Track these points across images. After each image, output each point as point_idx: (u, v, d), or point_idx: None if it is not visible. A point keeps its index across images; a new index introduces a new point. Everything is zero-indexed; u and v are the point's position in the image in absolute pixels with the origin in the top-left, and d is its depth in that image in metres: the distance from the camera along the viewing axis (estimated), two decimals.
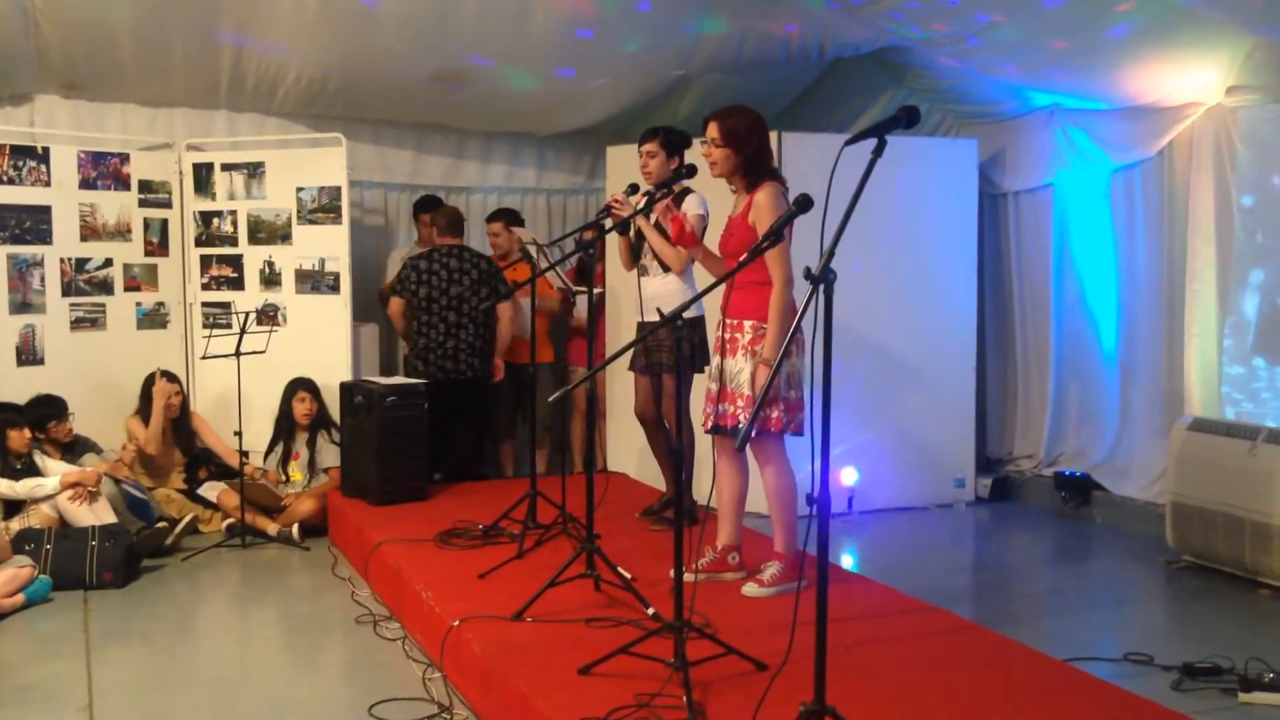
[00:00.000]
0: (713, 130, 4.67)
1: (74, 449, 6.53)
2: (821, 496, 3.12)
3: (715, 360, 4.77)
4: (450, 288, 7.06)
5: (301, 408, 7.01)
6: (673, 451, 5.50)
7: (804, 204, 3.48)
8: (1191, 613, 5.61)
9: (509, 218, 7.67)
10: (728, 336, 4.69)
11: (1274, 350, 6.19)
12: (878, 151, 3.12)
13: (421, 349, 7.09)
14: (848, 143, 3.24)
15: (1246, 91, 6.09)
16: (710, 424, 4.74)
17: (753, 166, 4.68)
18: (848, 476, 7.16)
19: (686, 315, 5.34)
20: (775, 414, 4.57)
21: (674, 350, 5.33)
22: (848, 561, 6.34)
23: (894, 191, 6.92)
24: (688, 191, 5.54)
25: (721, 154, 4.66)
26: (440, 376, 6.99)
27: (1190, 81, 6.28)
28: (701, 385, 5.01)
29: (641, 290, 5.60)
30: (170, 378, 7.00)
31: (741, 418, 4.57)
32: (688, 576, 4.38)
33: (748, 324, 4.62)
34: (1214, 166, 6.40)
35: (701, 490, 5.92)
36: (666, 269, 5.59)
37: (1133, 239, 7.11)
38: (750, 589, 4.72)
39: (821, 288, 3.01)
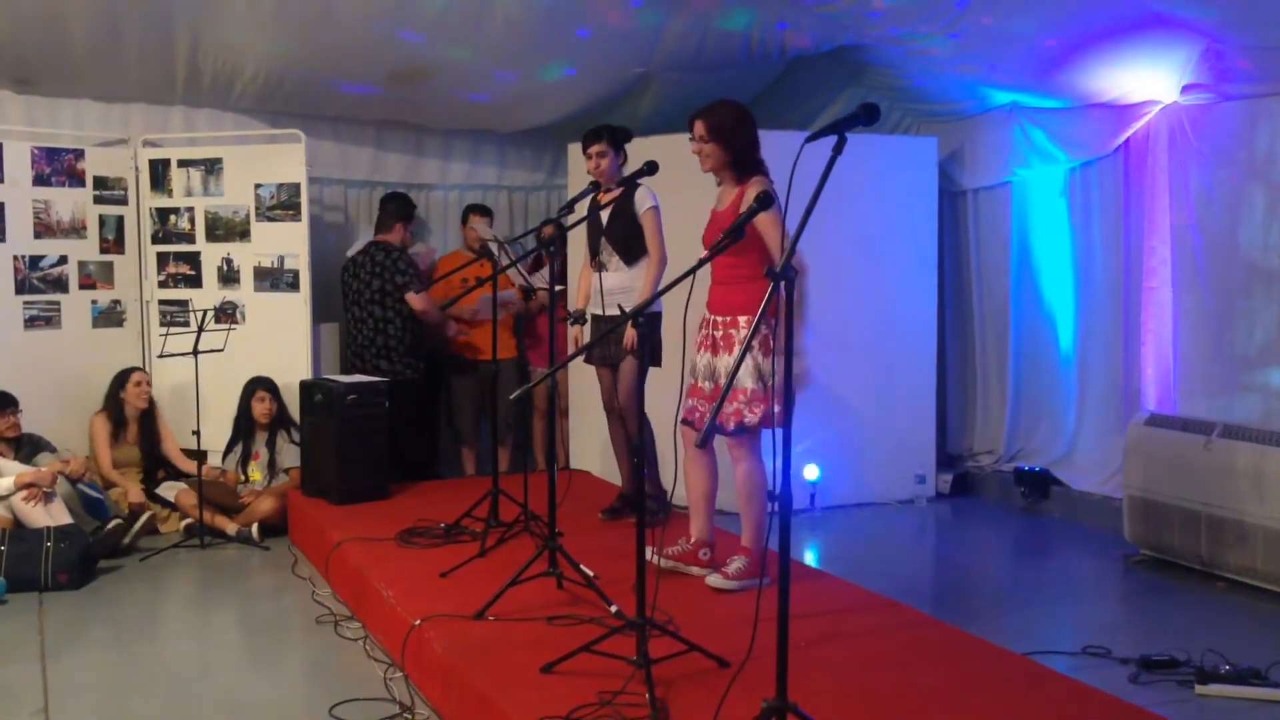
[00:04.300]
0: (699, 128, 4.68)
1: (23, 446, 6.44)
2: (784, 493, 3.13)
3: (705, 357, 4.73)
4: (373, 281, 7.08)
5: (260, 407, 6.95)
6: (631, 447, 5.50)
7: (764, 201, 3.49)
8: (1149, 606, 5.67)
9: (483, 211, 7.73)
10: (720, 334, 4.68)
11: (1229, 345, 6.26)
12: (838, 149, 3.13)
13: (359, 346, 7.13)
14: (808, 140, 3.24)
15: (1201, 90, 6.16)
16: (705, 422, 4.68)
17: (742, 160, 4.68)
18: (810, 473, 7.19)
19: (654, 310, 5.40)
20: (761, 411, 4.56)
21: (644, 345, 5.32)
22: (810, 557, 6.36)
23: (854, 189, 6.93)
24: (636, 185, 5.55)
25: (710, 148, 4.66)
26: (377, 376, 6.97)
27: (1146, 80, 6.35)
28: (656, 379, 4.99)
29: (601, 284, 5.60)
30: (136, 371, 6.97)
31: (746, 413, 4.56)
32: (652, 559, 4.37)
33: (743, 319, 4.61)
34: (1170, 164, 6.47)
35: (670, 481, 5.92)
36: (627, 263, 5.59)
37: (1089, 236, 7.18)
38: (715, 580, 4.73)
39: (782, 284, 3.02)
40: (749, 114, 4.73)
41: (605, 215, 5.67)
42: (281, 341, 7.21)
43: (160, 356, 6.77)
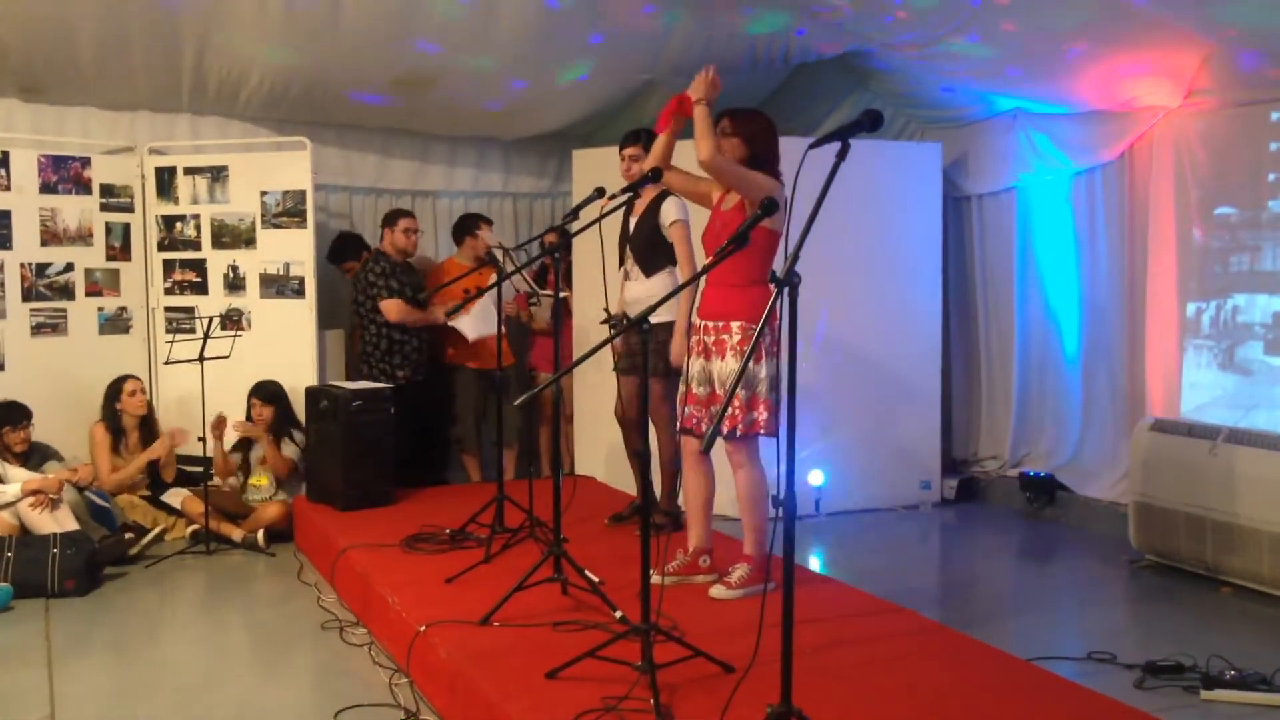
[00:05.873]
0: (725, 122, 4.71)
1: (32, 456, 6.45)
2: (788, 498, 3.13)
3: (699, 363, 4.73)
4: (351, 291, 7.14)
5: (256, 415, 6.92)
6: (645, 454, 5.48)
7: (769, 207, 3.50)
8: (1154, 611, 5.67)
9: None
10: (711, 339, 4.68)
11: (1233, 351, 6.26)
12: (841, 155, 3.15)
13: (361, 354, 7.16)
14: (812, 146, 3.26)
15: (1206, 95, 6.16)
16: (702, 427, 4.69)
17: (759, 163, 4.68)
18: (814, 478, 7.19)
19: (668, 318, 5.39)
20: (762, 416, 4.56)
21: (646, 353, 5.30)
22: (815, 563, 6.36)
23: (859, 195, 6.95)
24: (665, 194, 5.52)
25: (730, 143, 4.67)
26: (385, 381, 6.99)
27: (1151, 86, 6.34)
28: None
29: (624, 294, 5.60)
30: (130, 379, 6.96)
31: (743, 418, 4.55)
32: (656, 579, 4.39)
33: (735, 325, 4.61)
34: (1174, 170, 6.47)
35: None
36: (645, 273, 5.57)
37: (1094, 242, 7.18)
38: (718, 591, 4.73)
39: (786, 291, 3.03)
40: (774, 129, 4.76)
41: (634, 222, 5.64)
42: (287, 348, 7.22)
43: (166, 363, 6.78)
